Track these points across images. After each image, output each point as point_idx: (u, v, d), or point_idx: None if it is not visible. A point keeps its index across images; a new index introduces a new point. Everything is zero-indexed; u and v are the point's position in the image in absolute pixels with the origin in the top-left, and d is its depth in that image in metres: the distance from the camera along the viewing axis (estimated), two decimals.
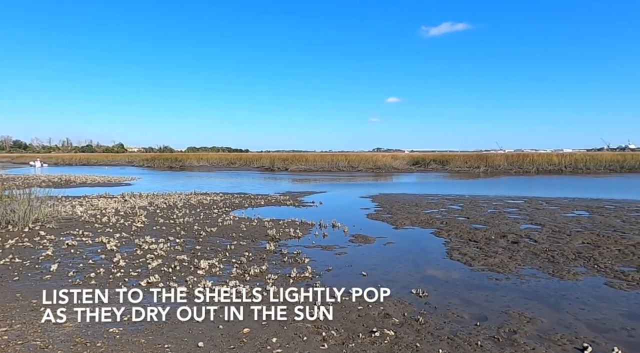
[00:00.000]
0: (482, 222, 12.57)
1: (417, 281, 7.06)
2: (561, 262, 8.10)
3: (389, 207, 16.09)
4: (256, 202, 17.98)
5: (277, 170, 50.44)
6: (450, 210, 15.37)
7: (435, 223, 12.57)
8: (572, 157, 49.50)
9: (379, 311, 5.66)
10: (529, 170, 44.68)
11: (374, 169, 48.53)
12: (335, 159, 52.62)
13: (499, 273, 7.44)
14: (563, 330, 5.05)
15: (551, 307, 5.87)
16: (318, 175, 40.59)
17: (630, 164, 45.81)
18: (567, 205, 16.52)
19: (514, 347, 4.60)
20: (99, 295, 5.72)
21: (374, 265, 8.04)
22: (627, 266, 7.84)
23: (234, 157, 68.63)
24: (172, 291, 6.39)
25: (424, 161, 54.65)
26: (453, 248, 9.37)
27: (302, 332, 4.96)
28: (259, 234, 10.93)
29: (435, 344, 4.68)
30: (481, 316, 5.52)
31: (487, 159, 49.86)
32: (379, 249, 9.44)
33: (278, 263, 8.14)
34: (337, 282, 7.00)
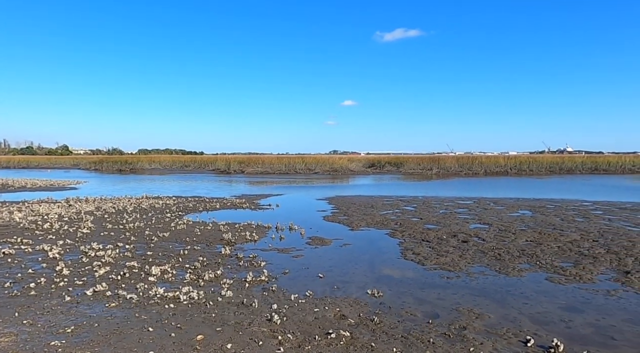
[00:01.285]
0: (435, 222, 12.99)
1: (373, 281, 7.18)
2: (507, 260, 8.52)
3: (345, 209, 16.27)
4: (211, 206, 17.59)
5: (233, 172, 49.65)
6: (404, 211, 15.77)
7: (390, 224, 12.84)
8: (516, 159, 52.38)
9: (335, 312, 5.70)
10: (477, 172, 46.78)
11: (331, 171, 48.93)
12: (292, 161, 52.54)
13: (450, 272, 7.71)
14: (508, 325, 5.31)
15: (498, 302, 6.15)
16: (275, 178, 40.34)
17: (567, 166, 49.32)
18: (512, 205, 17.42)
19: (463, 343, 4.78)
20: (39, 306, 5.37)
21: (330, 267, 8.09)
22: (566, 261, 8.37)
23: (188, 160, 66.82)
24: (121, 299, 6.12)
25: (379, 163, 55.77)
26: (407, 248, 9.61)
27: (257, 336, 4.90)
28: (214, 238, 10.69)
29: (390, 343, 4.77)
30: (433, 314, 5.69)
31: (439, 161, 51.66)
32: (335, 251, 9.52)
33: (234, 268, 8.00)
34: (294, 284, 6.99)
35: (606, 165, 50.11)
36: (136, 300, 6.07)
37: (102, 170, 58.53)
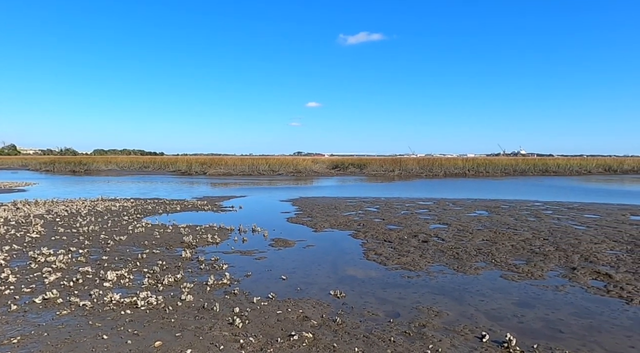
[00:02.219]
0: (396, 223, 13.25)
1: (336, 282, 7.22)
2: (464, 258, 8.82)
3: (309, 210, 16.29)
4: (172, 208, 17.12)
5: (195, 174, 48.55)
6: (367, 212, 15.98)
7: (353, 225, 12.98)
8: (474, 161, 54.39)
9: (298, 314, 5.69)
10: (437, 173, 48.15)
11: (295, 173, 48.86)
12: (256, 162, 52.08)
13: (410, 271, 7.89)
14: (465, 321, 5.50)
15: (456, 300, 6.35)
16: (238, 179, 39.81)
17: (521, 168, 51.76)
18: (470, 205, 18.05)
19: (423, 340, 4.90)
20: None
21: (293, 269, 8.08)
22: (519, 259, 8.76)
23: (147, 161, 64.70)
24: (73, 306, 5.85)
25: (343, 165, 56.25)
26: (369, 249, 9.74)
27: (218, 340, 4.81)
28: (174, 241, 10.41)
29: (352, 343, 4.81)
30: (394, 313, 5.80)
31: (401, 163, 52.77)
32: (298, 252, 9.50)
33: (195, 271, 7.82)
34: (257, 287, 6.92)
35: (556, 167, 53.01)
36: (90, 307, 5.81)
37: (53, 171, 55.64)
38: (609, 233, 11.36)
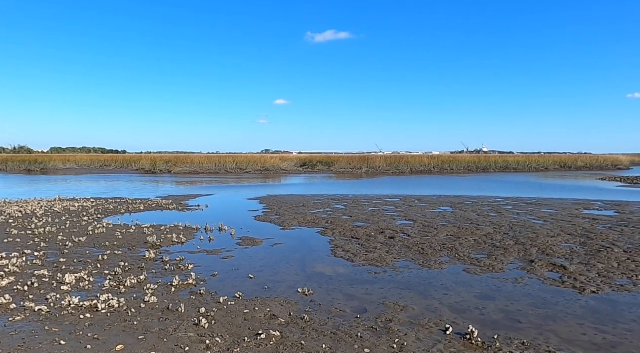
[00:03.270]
0: (364, 220, 13.40)
1: (304, 280, 7.23)
2: (429, 254, 9.02)
3: (277, 209, 16.21)
4: (134, 207, 16.61)
5: (160, 172, 47.30)
6: (335, 209, 16.07)
7: (321, 222, 13.02)
8: (439, 159, 55.74)
9: (265, 313, 5.65)
10: (404, 171, 49.06)
11: (263, 171, 48.50)
12: (223, 160, 51.27)
13: (377, 267, 8.00)
14: (430, 315, 5.63)
15: (421, 294, 6.49)
16: (204, 178, 39.08)
17: (483, 165, 53.55)
18: (435, 202, 18.49)
19: (389, 335, 4.98)
20: None
21: (261, 267, 8.02)
22: (481, 254, 9.05)
23: (108, 159, 62.44)
24: (28, 312, 5.58)
25: (311, 162, 56.28)
26: (337, 246, 9.80)
27: (183, 342, 4.71)
28: (138, 242, 10.11)
29: (320, 340, 4.83)
30: (361, 309, 5.87)
31: (368, 161, 53.38)
32: (266, 251, 9.44)
33: (159, 272, 7.62)
34: (223, 286, 6.83)
35: (516, 164, 55.14)
36: (46, 312, 5.56)
37: (6, 170, 52.77)
38: (564, 227, 11.92)
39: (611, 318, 5.50)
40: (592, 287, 6.76)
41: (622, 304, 6.04)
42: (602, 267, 7.92)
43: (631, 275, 7.41)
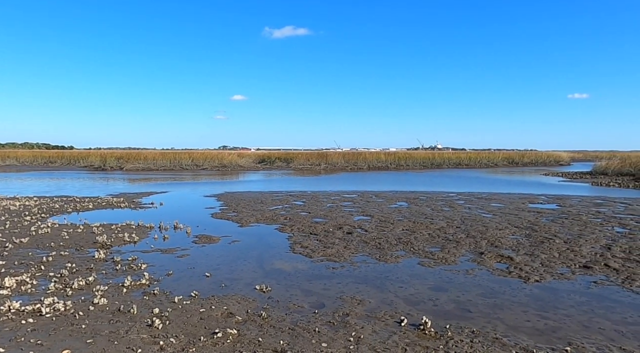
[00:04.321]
0: (322, 216, 13.48)
1: (262, 277, 7.18)
2: (386, 248, 9.23)
3: (234, 205, 15.98)
4: (83, 206, 15.81)
5: (110, 169, 45.26)
6: (293, 206, 16.06)
7: (279, 219, 12.97)
8: (395, 155, 57.09)
9: (222, 311, 5.57)
10: (362, 167, 49.83)
11: (220, 167, 47.61)
12: (178, 156, 49.85)
13: (335, 263, 8.08)
14: (386, 308, 5.76)
15: (377, 288, 6.63)
16: (159, 175, 37.82)
17: (437, 161, 55.41)
18: (391, 197, 18.91)
19: (346, 328, 5.05)
20: None
21: (218, 265, 7.88)
22: (434, 247, 9.36)
23: (54, 155, 59.01)
24: None
25: (269, 159, 55.93)
26: (296, 242, 9.81)
27: (136, 344, 4.55)
28: (86, 242, 9.64)
29: (277, 336, 4.82)
30: (319, 304, 5.91)
31: (327, 157, 53.75)
32: (223, 248, 9.29)
33: (109, 273, 7.31)
34: (178, 286, 6.66)
35: (467, 160, 57.48)
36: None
37: None
38: (511, 220, 12.56)
39: (552, 305, 5.87)
40: (535, 276, 7.17)
41: (561, 291, 6.45)
42: (545, 257, 8.42)
43: (570, 264, 7.93)
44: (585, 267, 7.76)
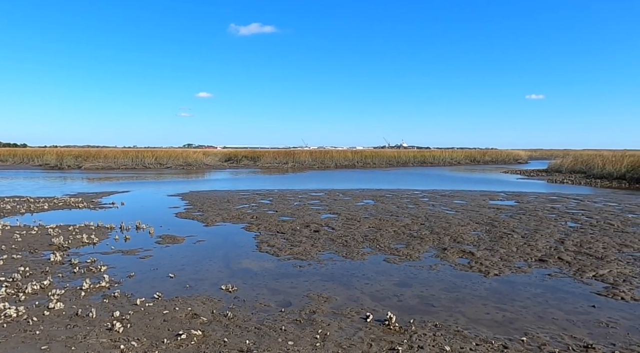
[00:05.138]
0: (289, 214, 13.45)
1: (228, 277, 7.09)
2: (352, 245, 9.32)
3: (199, 205, 15.68)
4: (37, 207, 15.06)
5: (67, 168, 43.32)
6: (260, 204, 15.94)
7: (246, 218, 12.85)
8: (362, 154, 57.78)
9: (186, 312, 5.46)
10: (329, 165, 50.07)
11: (185, 166, 46.59)
12: (141, 155, 48.34)
13: (302, 261, 8.09)
14: (352, 304, 5.83)
15: (344, 285, 6.69)
16: (120, 173, 36.57)
17: (403, 160, 56.51)
18: (358, 195, 19.11)
19: (312, 326, 5.07)
20: None
21: (182, 266, 7.72)
22: (400, 243, 9.55)
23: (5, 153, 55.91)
24: None
25: (236, 157, 55.25)
26: (262, 241, 9.75)
27: (94, 349, 4.39)
28: (41, 244, 9.20)
29: (243, 336, 4.78)
30: (286, 302, 5.90)
31: (294, 155, 53.65)
32: (188, 248, 9.11)
33: (66, 276, 7.01)
34: (141, 287, 6.47)
35: (432, 158, 58.95)
36: None
37: None
38: (473, 217, 12.98)
39: (510, 298, 6.12)
40: (495, 270, 7.45)
41: (518, 284, 6.74)
42: (504, 251, 8.76)
43: (527, 258, 8.29)
44: (540, 260, 8.13)
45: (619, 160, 30.63)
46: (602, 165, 31.39)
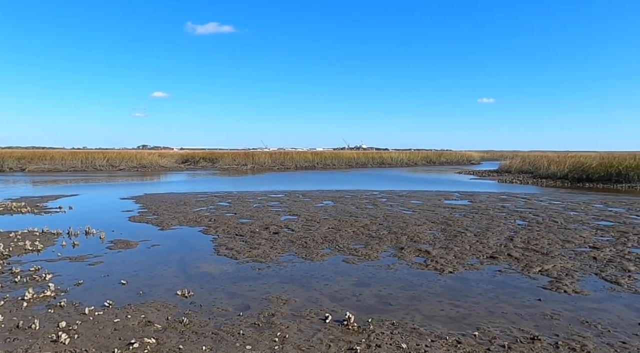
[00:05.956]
0: (248, 217, 13.28)
1: (184, 281, 6.89)
2: (312, 247, 9.33)
3: (155, 208, 15.16)
4: None
5: (9, 170, 40.61)
6: (219, 207, 15.64)
7: (204, 221, 12.55)
8: (322, 155, 58.06)
9: (139, 320, 5.25)
10: (289, 167, 49.95)
11: (139, 168, 44.94)
12: (91, 156, 46.18)
13: (261, 263, 8.00)
14: (311, 306, 5.83)
15: (303, 286, 6.68)
16: (68, 176, 34.72)
17: (362, 161, 57.36)
18: (318, 196, 19.18)
19: (271, 329, 5.02)
20: None
21: (135, 272, 7.43)
22: (359, 244, 9.66)
23: None
24: None
25: (193, 159, 53.94)
26: (220, 244, 9.56)
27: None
28: None
29: (199, 342, 4.66)
30: (244, 306, 5.81)
31: (254, 157, 53.14)
32: (142, 253, 8.77)
33: (6, 286, 6.56)
34: (90, 296, 6.16)
35: (390, 160, 60.23)
36: None
37: None
38: (429, 216, 13.36)
39: (463, 294, 6.34)
40: (449, 267, 7.69)
41: (471, 281, 6.99)
42: (458, 249, 9.07)
43: (479, 255, 8.63)
44: (491, 257, 8.48)
45: (562, 161, 32.60)
46: (547, 166, 33.25)
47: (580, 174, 28.97)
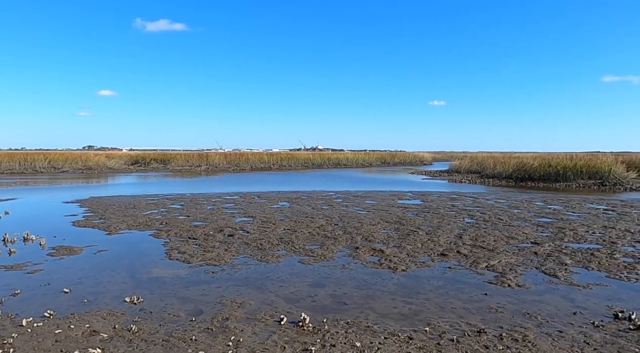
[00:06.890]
0: (202, 219, 12.97)
1: (133, 288, 6.62)
2: (268, 248, 9.26)
3: (101, 212, 14.45)
4: None
5: None
6: (171, 209, 15.15)
7: (154, 224, 12.12)
8: (278, 156, 57.84)
9: (83, 330, 4.98)
10: (244, 168, 49.31)
11: (85, 170, 42.67)
12: (30, 158, 43.23)
13: (215, 266, 7.84)
14: (266, 308, 5.78)
15: (258, 289, 6.61)
16: (4, 179, 32.35)
17: (318, 162, 57.75)
18: (274, 197, 19.06)
19: (225, 333, 4.93)
20: None
21: (80, 279, 7.04)
22: (314, 244, 9.70)
23: None
24: None
25: (144, 160, 51.97)
26: (172, 248, 9.27)
27: None
28: None
29: (149, 350, 4.49)
30: (197, 311, 5.67)
31: (207, 158, 51.98)
32: (87, 260, 8.33)
33: None
34: (28, 306, 5.77)
35: (346, 160, 61.01)
36: None
37: None
38: (383, 216, 13.65)
39: (415, 291, 6.53)
40: (402, 266, 7.89)
41: (423, 278, 7.22)
42: (410, 248, 9.33)
43: (430, 253, 8.92)
44: (442, 254, 8.80)
45: (507, 162, 34.41)
46: (493, 166, 34.96)
47: (523, 174, 30.70)
